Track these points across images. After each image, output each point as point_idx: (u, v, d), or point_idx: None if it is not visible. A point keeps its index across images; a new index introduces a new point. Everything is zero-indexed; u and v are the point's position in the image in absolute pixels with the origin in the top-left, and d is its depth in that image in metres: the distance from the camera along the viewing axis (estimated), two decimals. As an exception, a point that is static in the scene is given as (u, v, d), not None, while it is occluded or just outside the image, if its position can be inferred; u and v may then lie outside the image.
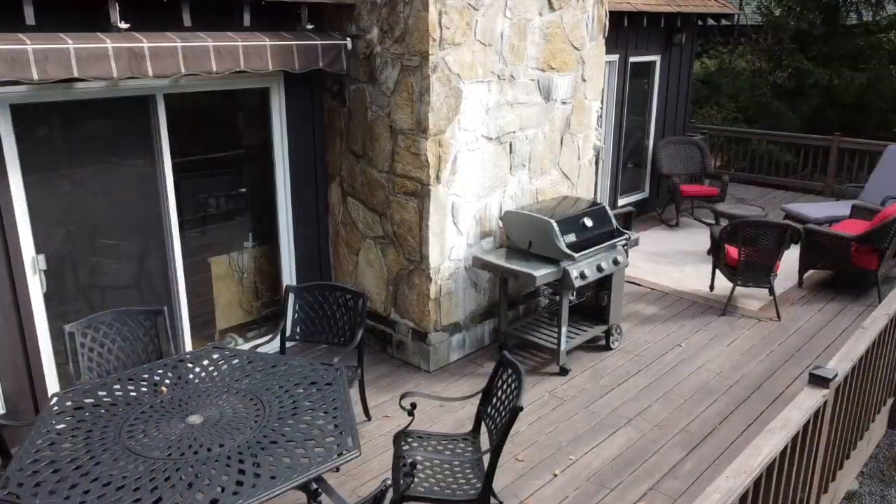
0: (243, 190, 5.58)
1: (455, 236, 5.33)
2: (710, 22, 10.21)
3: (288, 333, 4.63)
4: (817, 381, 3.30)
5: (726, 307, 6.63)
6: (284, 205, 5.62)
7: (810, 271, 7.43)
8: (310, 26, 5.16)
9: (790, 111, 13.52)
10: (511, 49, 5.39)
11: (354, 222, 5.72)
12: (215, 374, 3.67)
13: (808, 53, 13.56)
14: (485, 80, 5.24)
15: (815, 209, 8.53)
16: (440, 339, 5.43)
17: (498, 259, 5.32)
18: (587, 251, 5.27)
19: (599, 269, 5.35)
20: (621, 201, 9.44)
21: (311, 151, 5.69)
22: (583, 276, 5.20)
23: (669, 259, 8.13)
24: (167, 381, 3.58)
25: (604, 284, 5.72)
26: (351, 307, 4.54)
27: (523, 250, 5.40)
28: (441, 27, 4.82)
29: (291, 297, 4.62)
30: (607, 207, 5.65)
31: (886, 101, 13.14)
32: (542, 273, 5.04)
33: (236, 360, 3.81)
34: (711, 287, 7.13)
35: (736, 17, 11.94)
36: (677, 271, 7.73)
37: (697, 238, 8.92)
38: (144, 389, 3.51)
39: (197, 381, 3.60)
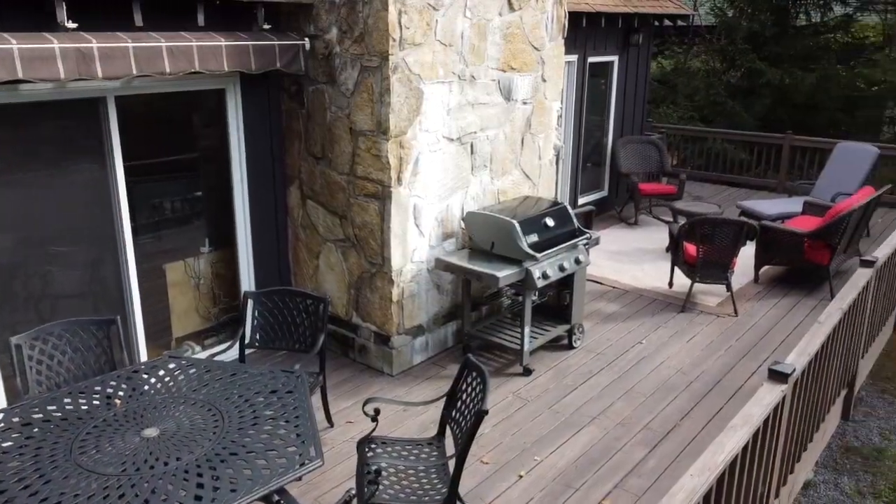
0: (199, 193, 5.46)
1: (417, 238, 5.28)
2: (666, 23, 10.36)
3: (247, 340, 4.53)
4: (776, 376, 3.35)
5: (685, 304, 6.73)
6: (242, 208, 5.50)
7: (765, 267, 7.59)
8: (266, 26, 5.06)
9: (744, 110, 13.82)
10: (471, 49, 5.37)
11: (314, 225, 5.63)
12: (171, 384, 3.56)
13: (760, 54, 13.88)
14: (446, 80, 5.21)
15: (769, 206, 8.71)
16: (403, 343, 5.38)
17: (461, 260, 5.29)
18: (549, 251, 5.28)
19: (561, 268, 5.36)
20: (581, 200, 9.51)
21: (268, 154, 5.59)
22: (545, 276, 5.21)
23: (629, 257, 8.22)
24: (120, 394, 3.47)
25: (566, 284, 5.75)
26: (312, 312, 4.46)
27: (486, 251, 5.39)
28: (401, 27, 4.78)
29: (250, 303, 4.52)
30: (568, 207, 5.68)
31: (835, 101, 13.54)
32: (505, 274, 5.03)
33: (193, 370, 3.71)
34: (670, 284, 7.22)
35: (691, 17, 12.14)
36: (637, 269, 7.82)
37: (656, 236, 9.04)
38: (97, 402, 3.38)
39: (152, 392, 3.49)
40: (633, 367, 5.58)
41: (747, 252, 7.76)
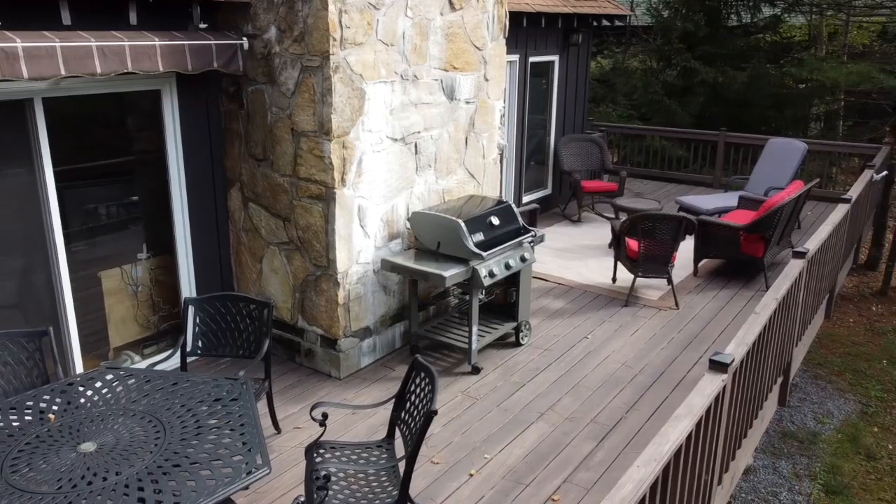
0: (135, 198, 5.29)
1: (362, 239, 5.24)
2: (605, 23, 10.55)
3: (189, 348, 4.41)
4: (716, 366, 3.44)
5: (628, 298, 6.86)
6: (181, 213, 5.36)
7: (704, 260, 7.80)
8: (203, 25, 4.94)
9: (680, 108, 14.20)
10: (413, 49, 5.35)
11: (257, 229, 5.52)
12: (109, 396, 3.44)
13: (694, 53, 14.28)
14: (388, 80, 5.18)
15: (706, 201, 8.97)
16: (350, 345, 5.33)
17: (407, 261, 5.27)
18: (495, 250, 5.31)
19: (507, 266, 5.40)
20: (526, 198, 9.61)
21: (207, 156, 5.45)
22: (491, 274, 5.24)
23: (573, 254, 8.34)
24: (55, 408, 3.33)
25: (512, 282, 5.79)
26: (256, 317, 4.38)
27: (432, 251, 5.38)
28: (342, 27, 4.72)
29: (191, 309, 4.40)
30: (513, 205, 5.72)
31: (766, 98, 14.02)
32: (451, 273, 5.04)
33: (132, 380, 3.59)
34: (614, 279, 7.36)
35: (628, 18, 12.41)
36: (582, 265, 7.94)
37: (599, 232, 9.20)
38: (29, 418, 3.24)
39: (89, 405, 3.36)
40: (580, 362, 5.66)
41: (686, 246, 7.97)
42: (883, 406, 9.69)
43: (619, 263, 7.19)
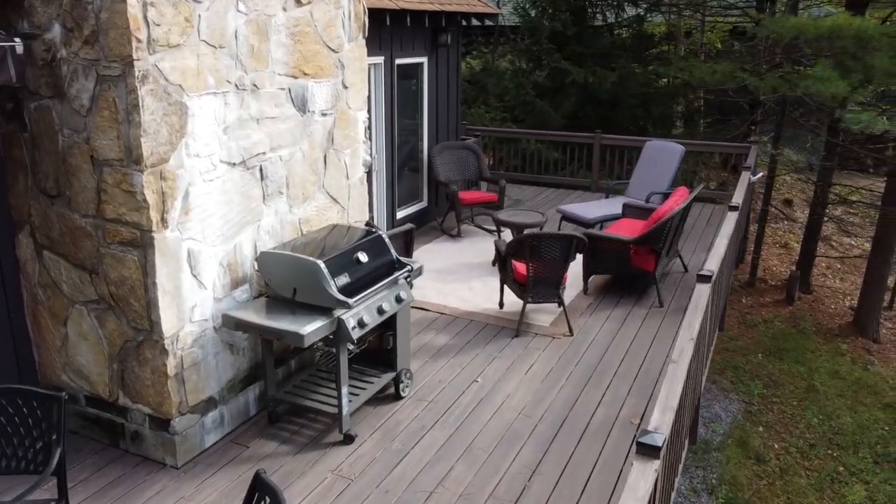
0: None
1: (196, 292, 4.17)
2: (475, 22, 9.90)
3: (-55, 467, 3.20)
4: (647, 450, 2.74)
5: (519, 328, 6.16)
6: (-55, 269, 4.06)
7: (593, 276, 7.28)
8: (-44, 22, 3.69)
9: (552, 109, 13.86)
10: (251, 52, 4.34)
11: (56, 283, 4.30)
12: None
13: (564, 53, 13.99)
14: (219, 90, 4.14)
15: (589, 209, 8.46)
16: (188, 424, 4.24)
17: (257, 315, 4.26)
18: (365, 293, 4.41)
19: (381, 311, 4.52)
20: (400, 213, 8.76)
21: (-19, 192, 4.18)
22: (361, 323, 4.33)
23: (455, 275, 7.58)
24: None
25: (388, 324, 4.90)
26: (42, 416, 3.24)
27: (287, 299, 4.40)
28: (148, 24, 3.65)
29: (-56, 414, 3.19)
30: (384, 236, 4.84)
31: (635, 97, 13.97)
32: (311, 329, 4.08)
33: None
34: (501, 304, 6.67)
35: (497, 17, 11.86)
36: (465, 288, 7.19)
37: (481, 247, 8.51)
38: None
39: None
40: (471, 415, 4.87)
41: (575, 262, 7.42)
42: (764, 403, 9.67)
43: (505, 287, 6.49)
